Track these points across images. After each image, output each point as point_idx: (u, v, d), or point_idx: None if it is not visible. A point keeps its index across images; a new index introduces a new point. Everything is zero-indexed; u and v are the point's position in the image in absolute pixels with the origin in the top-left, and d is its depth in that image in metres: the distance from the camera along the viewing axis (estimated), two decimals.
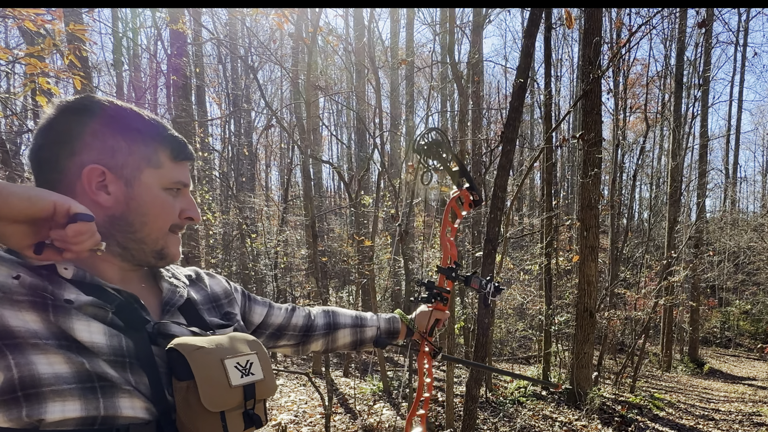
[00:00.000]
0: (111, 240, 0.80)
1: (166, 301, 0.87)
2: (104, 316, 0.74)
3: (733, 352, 18.24)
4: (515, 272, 10.60)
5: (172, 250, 0.87)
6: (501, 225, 4.30)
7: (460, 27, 11.53)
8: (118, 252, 0.82)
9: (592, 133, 7.22)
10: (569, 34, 19.04)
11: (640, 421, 6.89)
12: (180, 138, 0.86)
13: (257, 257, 12.10)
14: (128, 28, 10.64)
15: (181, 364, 0.75)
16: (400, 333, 1.37)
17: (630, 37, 7.66)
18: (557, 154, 18.14)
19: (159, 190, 0.83)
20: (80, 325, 0.70)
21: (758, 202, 26.03)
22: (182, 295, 0.90)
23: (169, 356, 0.77)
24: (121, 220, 0.81)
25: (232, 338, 0.84)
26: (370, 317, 1.35)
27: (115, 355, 0.73)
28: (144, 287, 0.88)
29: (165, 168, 0.84)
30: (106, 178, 0.79)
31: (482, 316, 3.80)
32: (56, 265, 0.73)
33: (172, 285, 0.90)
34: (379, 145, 7.41)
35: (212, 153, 15.07)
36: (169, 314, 0.86)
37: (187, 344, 0.77)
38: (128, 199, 0.81)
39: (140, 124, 0.82)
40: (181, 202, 0.87)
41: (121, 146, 0.80)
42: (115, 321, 0.75)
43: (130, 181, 0.81)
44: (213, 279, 1.05)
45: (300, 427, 5.77)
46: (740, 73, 21.97)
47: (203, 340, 0.80)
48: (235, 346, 0.83)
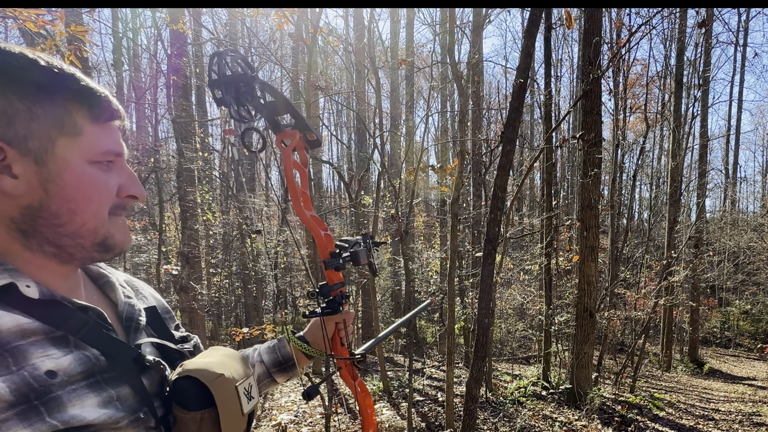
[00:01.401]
0: (39, 238, 0.63)
1: (127, 317, 0.74)
2: (95, 375, 0.62)
3: (733, 352, 18.24)
4: (515, 272, 10.61)
5: (119, 237, 0.70)
6: (501, 225, 4.31)
7: (460, 27, 11.53)
8: (52, 252, 0.65)
9: (592, 134, 7.23)
10: (569, 34, 19.07)
11: (640, 421, 6.89)
12: (99, 90, 0.66)
13: (257, 257, 12.11)
14: (128, 29, 10.65)
15: (197, 394, 0.68)
16: (296, 356, 1.09)
17: (630, 37, 7.67)
18: (557, 154, 18.15)
19: (83, 164, 0.64)
20: (76, 411, 0.58)
21: (758, 202, 26.05)
22: (140, 309, 0.77)
23: (180, 385, 0.68)
24: (42, 210, 0.62)
25: (229, 356, 0.76)
26: (252, 353, 1.10)
27: (114, 422, 0.62)
28: (95, 298, 0.74)
29: (86, 134, 0.64)
30: (6, 156, 0.60)
31: (482, 316, 3.81)
32: (16, 284, 0.59)
33: (126, 296, 0.77)
34: (379, 145, 7.41)
35: (212, 153, 15.06)
36: (135, 332, 0.74)
37: (205, 371, 0.69)
38: (44, 182, 0.61)
39: (39, 76, 0.60)
40: (117, 176, 0.68)
41: (17, 109, 0.60)
42: (106, 375, 0.63)
43: (41, 158, 0.61)
44: (149, 286, 0.90)
45: (300, 427, 5.77)
46: (740, 73, 22.02)
47: (213, 363, 0.72)
48: (236, 367, 0.75)
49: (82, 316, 0.64)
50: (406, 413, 5.82)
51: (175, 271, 8.42)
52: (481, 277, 3.78)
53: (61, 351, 0.61)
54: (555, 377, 8.42)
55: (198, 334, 8.25)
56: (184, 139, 8.57)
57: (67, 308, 0.64)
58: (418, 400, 7.03)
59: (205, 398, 0.68)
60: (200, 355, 0.76)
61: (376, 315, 7.83)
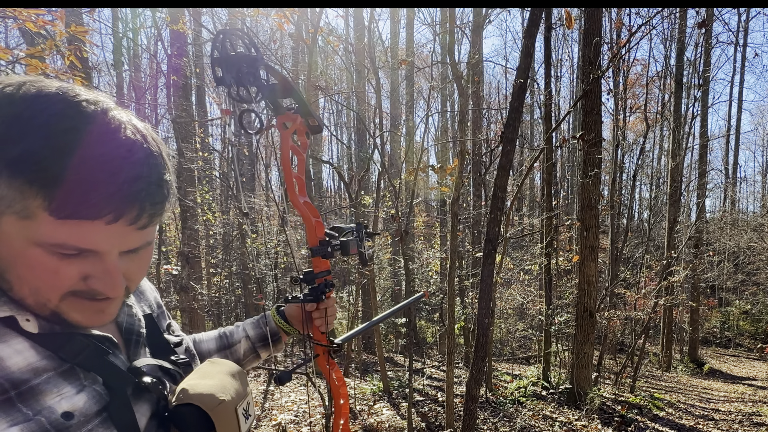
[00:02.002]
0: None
1: (127, 329, 0.72)
2: (106, 410, 0.61)
3: (733, 352, 18.24)
4: (515, 272, 10.61)
5: (74, 317, 0.61)
6: (501, 225, 4.31)
7: (460, 27, 11.53)
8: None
9: (592, 134, 7.23)
10: (569, 34, 19.07)
11: (640, 421, 6.89)
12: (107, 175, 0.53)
13: (257, 257, 12.11)
14: (128, 29, 10.65)
15: (197, 421, 0.67)
16: (281, 331, 1.09)
17: (630, 38, 7.67)
18: (557, 154, 18.15)
19: (26, 245, 0.55)
20: None
21: (758, 202, 26.06)
22: (140, 318, 0.75)
23: (181, 412, 0.67)
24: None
25: (228, 375, 0.75)
26: (235, 330, 1.09)
27: None
28: None
29: (39, 222, 0.53)
30: None
31: (482, 316, 3.81)
32: (16, 318, 0.57)
33: (126, 305, 0.74)
34: (379, 145, 7.41)
35: (212, 153, 15.07)
36: (136, 347, 0.72)
37: (207, 397, 0.68)
38: None
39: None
40: (83, 266, 0.58)
41: None
42: (111, 408, 0.62)
43: None
44: (148, 283, 0.88)
45: (300, 427, 5.77)
46: (740, 73, 22.03)
47: (215, 386, 0.70)
48: (236, 387, 0.74)
49: (82, 341, 0.62)
50: (406, 413, 5.83)
51: (175, 271, 8.42)
52: (481, 277, 3.78)
53: (73, 388, 0.59)
54: (555, 377, 8.42)
55: None
56: (184, 139, 8.57)
57: (68, 335, 0.61)
58: (418, 400, 7.03)
59: (205, 424, 0.68)
60: (199, 375, 0.74)
61: (376, 315, 7.83)
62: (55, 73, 3.06)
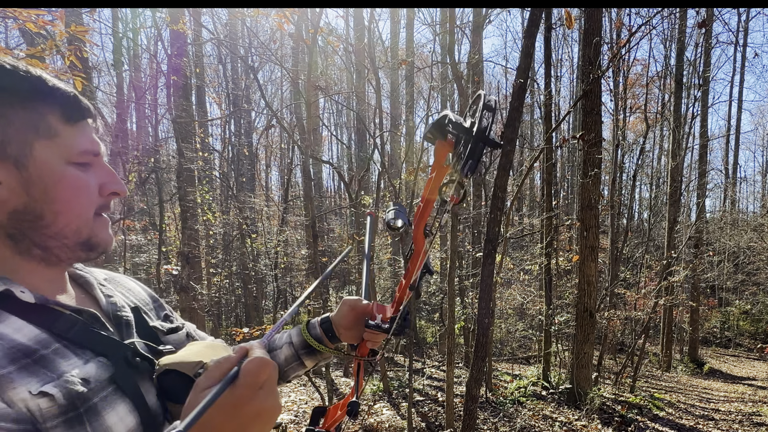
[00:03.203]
0: (26, 242, 0.65)
1: (114, 315, 0.75)
2: (116, 381, 0.65)
3: (733, 352, 18.25)
4: (515, 272, 10.61)
5: (102, 236, 0.70)
6: (501, 225, 4.31)
7: (460, 27, 11.53)
8: (39, 256, 0.66)
9: (592, 134, 7.23)
10: (569, 34, 19.06)
11: (640, 421, 6.90)
12: (68, 90, 0.65)
13: (257, 257, 12.11)
14: (128, 29, 10.66)
15: (183, 386, 0.67)
16: (323, 338, 1.02)
17: (630, 38, 7.67)
18: (557, 155, 18.14)
19: (63, 166, 0.64)
20: (112, 419, 0.62)
21: (758, 202, 26.06)
22: (122, 305, 0.77)
23: (165, 381, 0.69)
24: (27, 214, 0.63)
25: (208, 347, 0.76)
26: (280, 335, 1.04)
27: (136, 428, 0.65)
28: (83, 297, 0.74)
29: (62, 136, 0.64)
30: None
31: (482, 316, 3.81)
32: (12, 290, 0.61)
33: (107, 295, 0.77)
34: (379, 145, 7.41)
35: (212, 153, 15.08)
36: (128, 328, 0.75)
37: (182, 363, 0.69)
38: (26, 186, 0.62)
39: (7, 80, 0.61)
40: (98, 175, 0.68)
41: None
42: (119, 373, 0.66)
43: (22, 162, 0.61)
44: (131, 279, 0.89)
45: (300, 427, 5.77)
46: (740, 73, 21.99)
47: (189, 354, 0.72)
48: (218, 353, 0.73)
49: (71, 317, 0.65)
50: (406, 413, 5.83)
51: (176, 271, 8.42)
52: (481, 277, 3.78)
53: (80, 359, 0.62)
54: (555, 377, 8.43)
55: None
56: (184, 139, 8.58)
57: (60, 313, 0.64)
58: (418, 400, 7.03)
59: (191, 387, 0.69)
60: (180, 350, 0.76)
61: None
62: (55, 73, 3.06)
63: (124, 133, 9.46)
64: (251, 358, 0.56)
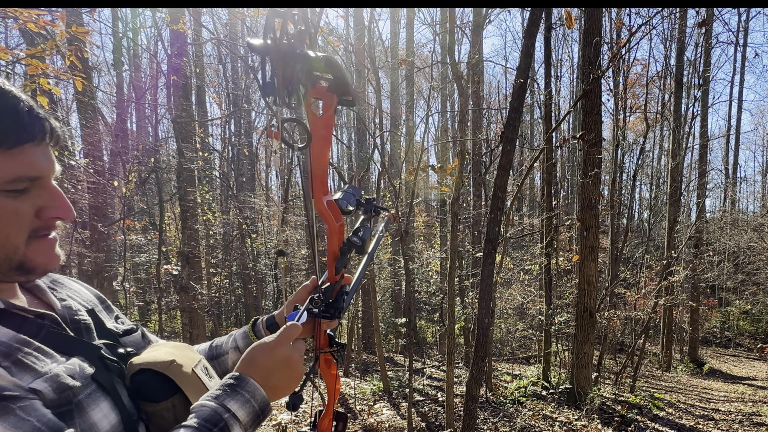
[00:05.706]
0: None
1: (71, 319, 0.73)
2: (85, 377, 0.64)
3: (733, 352, 18.25)
4: (515, 272, 10.60)
5: (39, 260, 0.65)
6: (501, 225, 4.31)
7: (460, 27, 11.53)
8: None
9: (592, 134, 7.23)
10: (569, 34, 19.05)
11: (640, 421, 6.90)
12: (4, 113, 0.58)
13: (257, 257, 12.11)
14: (128, 29, 10.65)
15: (158, 384, 0.70)
16: None
17: (630, 37, 7.67)
18: (557, 154, 18.14)
19: None
20: (97, 416, 0.62)
21: (758, 202, 26.07)
22: (78, 309, 0.75)
23: (139, 381, 0.70)
24: None
25: (176, 347, 0.78)
26: (226, 340, 1.02)
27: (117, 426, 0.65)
28: (37, 302, 0.71)
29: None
30: None
31: (482, 316, 3.81)
32: None
33: (61, 299, 0.75)
34: (379, 145, 7.41)
35: (212, 153, 15.07)
36: (88, 333, 0.74)
37: (156, 362, 0.70)
38: None
39: None
40: (34, 200, 0.62)
41: None
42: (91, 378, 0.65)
43: None
44: (74, 281, 0.86)
45: (300, 427, 5.77)
46: (740, 73, 21.98)
47: (161, 354, 0.73)
48: (186, 353, 0.77)
49: (36, 321, 0.65)
50: (406, 413, 5.83)
51: (175, 271, 8.43)
52: (481, 277, 3.79)
53: (62, 356, 0.63)
54: (555, 377, 8.43)
55: (198, 334, 8.26)
56: (184, 139, 8.57)
57: (24, 317, 0.64)
58: (418, 400, 7.03)
59: (168, 386, 0.70)
60: (146, 351, 0.77)
61: (376, 315, 7.84)
62: (55, 73, 3.06)
63: (124, 133, 9.46)
64: (289, 323, 0.77)
